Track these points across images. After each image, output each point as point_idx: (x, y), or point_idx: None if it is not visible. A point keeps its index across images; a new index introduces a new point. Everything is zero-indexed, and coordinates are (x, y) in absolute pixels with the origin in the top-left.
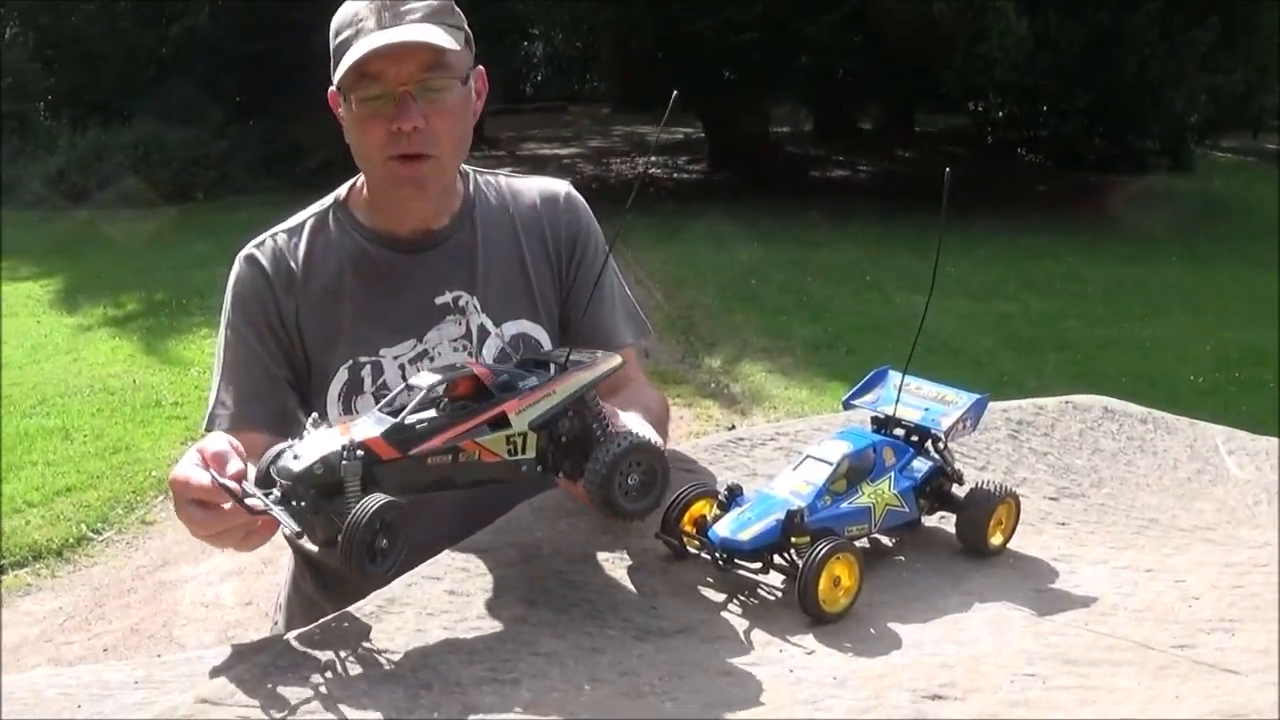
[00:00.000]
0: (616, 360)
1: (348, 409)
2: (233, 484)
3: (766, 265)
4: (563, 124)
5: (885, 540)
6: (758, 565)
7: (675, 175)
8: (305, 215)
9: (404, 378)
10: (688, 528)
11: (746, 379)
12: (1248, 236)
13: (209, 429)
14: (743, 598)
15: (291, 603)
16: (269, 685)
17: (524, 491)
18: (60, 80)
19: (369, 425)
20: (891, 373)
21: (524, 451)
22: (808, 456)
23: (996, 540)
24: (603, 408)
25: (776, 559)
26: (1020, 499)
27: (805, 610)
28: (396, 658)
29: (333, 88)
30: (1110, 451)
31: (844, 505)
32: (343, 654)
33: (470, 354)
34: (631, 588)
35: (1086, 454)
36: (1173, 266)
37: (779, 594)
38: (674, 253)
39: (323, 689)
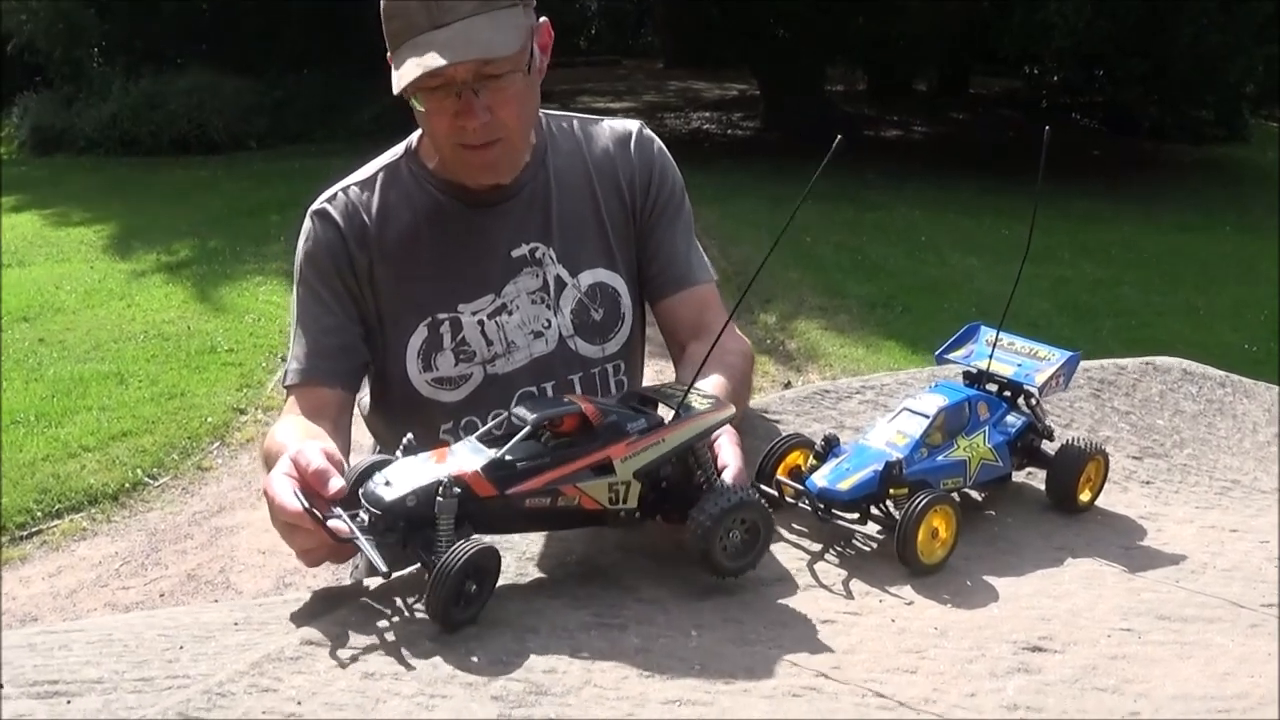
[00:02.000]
0: (731, 410)
1: (427, 366)
2: (317, 513)
3: (822, 223)
4: (616, 78)
5: (975, 494)
6: (855, 515)
7: (729, 132)
8: (376, 167)
9: (483, 333)
10: (783, 477)
11: (802, 335)
12: None
13: (285, 385)
14: (839, 548)
15: None
16: (373, 628)
17: None
18: (114, 27)
19: (468, 456)
20: (983, 328)
21: (625, 500)
22: (904, 409)
23: (1085, 497)
24: (708, 454)
25: (873, 510)
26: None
27: (903, 561)
28: (499, 603)
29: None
30: (1191, 413)
31: (940, 458)
32: None
33: (548, 305)
34: None
35: (1168, 415)
36: (1227, 236)
37: (874, 545)
38: (729, 209)
39: (428, 632)
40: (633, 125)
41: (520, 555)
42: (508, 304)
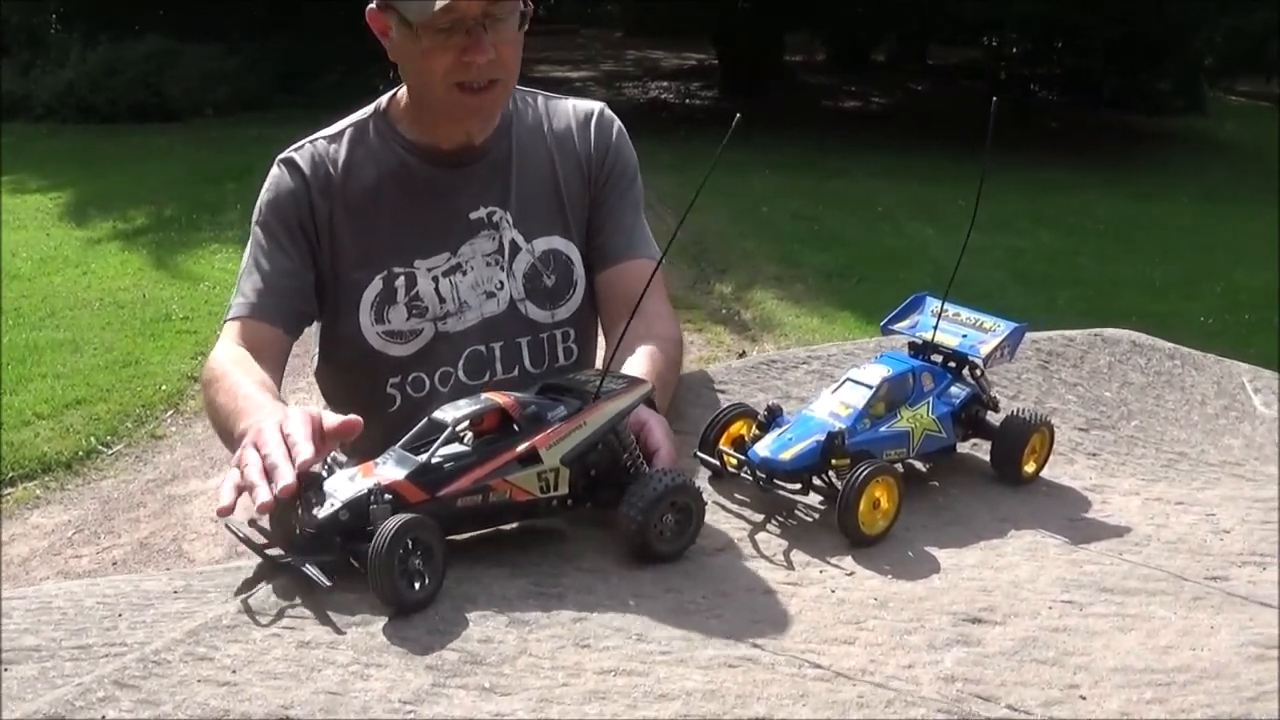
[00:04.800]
0: (648, 386)
1: (380, 318)
2: (256, 537)
3: (778, 193)
4: (575, 47)
5: (920, 465)
6: (797, 486)
7: (687, 101)
8: (345, 124)
9: (437, 290)
10: (726, 447)
11: (757, 305)
12: (1261, 179)
13: (229, 318)
14: (780, 518)
15: None
16: (313, 596)
17: None
18: None
19: (393, 467)
20: (928, 298)
21: (556, 488)
22: (847, 379)
23: (1030, 468)
24: (633, 438)
25: (815, 480)
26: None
27: (844, 532)
28: None
29: (372, 6)
30: (1139, 385)
31: (883, 429)
32: None
33: (501, 267)
34: None
35: (1116, 387)
36: (1185, 207)
37: (816, 515)
38: (687, 177)
39: (367, 601)
40: (595, 105)
41: None
42: (463, 264)
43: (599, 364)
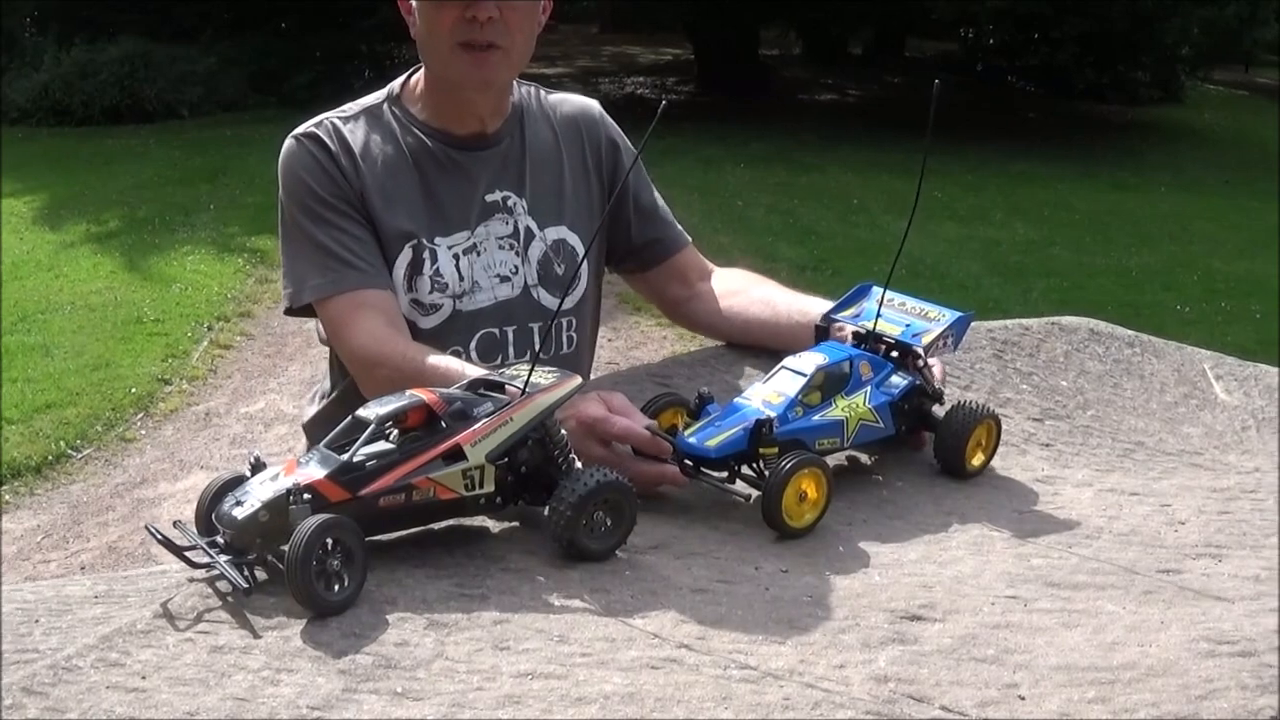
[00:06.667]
0: (576, 380)
1: (410, 286)
2: (177, 539)
3: (754, 187)
4: (550, 43)
5: (864, 458)
6: (724, 474)
7: (664, 96)
8: (357, 107)
9: (457, 268)
10: None
11: None
12: (1238, 168)
13: (339, 290)
14: (717, 515)
15: None
16: (231, 602)
17: None
18: None
19: (315, 465)
20: (874, 288)
21: (482, 486)
22: (783, 367)
23: (976, 461)
24: (565, 435)
25: (744, 469)
26: (1001, 419)
27: (770, 524)
28: None
29: None
30: (1096, 374)
31: (816, 418)
32: None
33: (517, 252)
34: None
35: (1072, 376)
36: (1162, 197)
37: (755, 513)
38: (662, 173)
39: (284, 605)
40: (594, 103)
41: None
42: (478, 245)
43: (592, 352)
